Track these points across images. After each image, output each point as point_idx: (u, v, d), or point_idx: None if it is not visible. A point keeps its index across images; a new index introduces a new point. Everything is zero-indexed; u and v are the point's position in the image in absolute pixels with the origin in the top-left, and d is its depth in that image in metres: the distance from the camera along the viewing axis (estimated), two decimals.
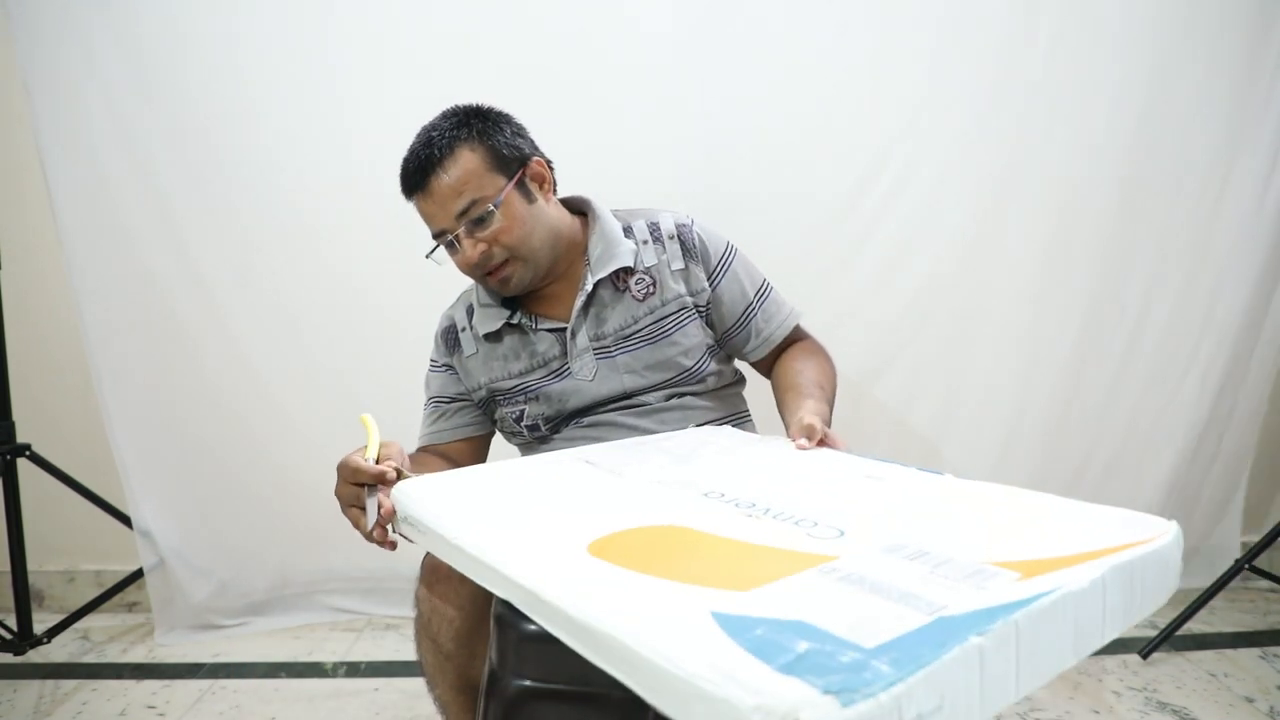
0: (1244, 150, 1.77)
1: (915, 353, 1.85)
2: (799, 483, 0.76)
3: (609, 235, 1.14)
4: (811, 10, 1.76)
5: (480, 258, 1.06)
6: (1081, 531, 0.60)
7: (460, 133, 1.05)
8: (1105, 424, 1.87)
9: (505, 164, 1.06)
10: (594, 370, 1.11)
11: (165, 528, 1.86)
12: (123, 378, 1.81)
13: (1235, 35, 1.73)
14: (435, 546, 0.69)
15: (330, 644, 1.84)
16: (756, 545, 0.59)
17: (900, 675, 0.39)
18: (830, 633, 0.43)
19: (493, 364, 1.15)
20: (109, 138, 1.75)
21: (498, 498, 0.75)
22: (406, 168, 1.07)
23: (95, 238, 1.77)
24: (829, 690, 0.37)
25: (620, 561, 0.55)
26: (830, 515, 0.64)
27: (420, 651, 0.99)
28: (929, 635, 0.43)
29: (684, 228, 1.15)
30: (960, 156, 1.79)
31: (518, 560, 0.57)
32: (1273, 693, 1.52)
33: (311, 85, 1.77)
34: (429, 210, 1.07)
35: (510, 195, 1.06)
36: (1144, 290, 1.83)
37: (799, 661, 0.40)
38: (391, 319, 1.81)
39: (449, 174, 1.03)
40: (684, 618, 0.46)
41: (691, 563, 0.56)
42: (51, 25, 1.70)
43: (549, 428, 1.15)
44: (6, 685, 1.67)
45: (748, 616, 0.46)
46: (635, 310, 1.12)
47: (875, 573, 0.52)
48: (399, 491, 0.77)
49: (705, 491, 0.72)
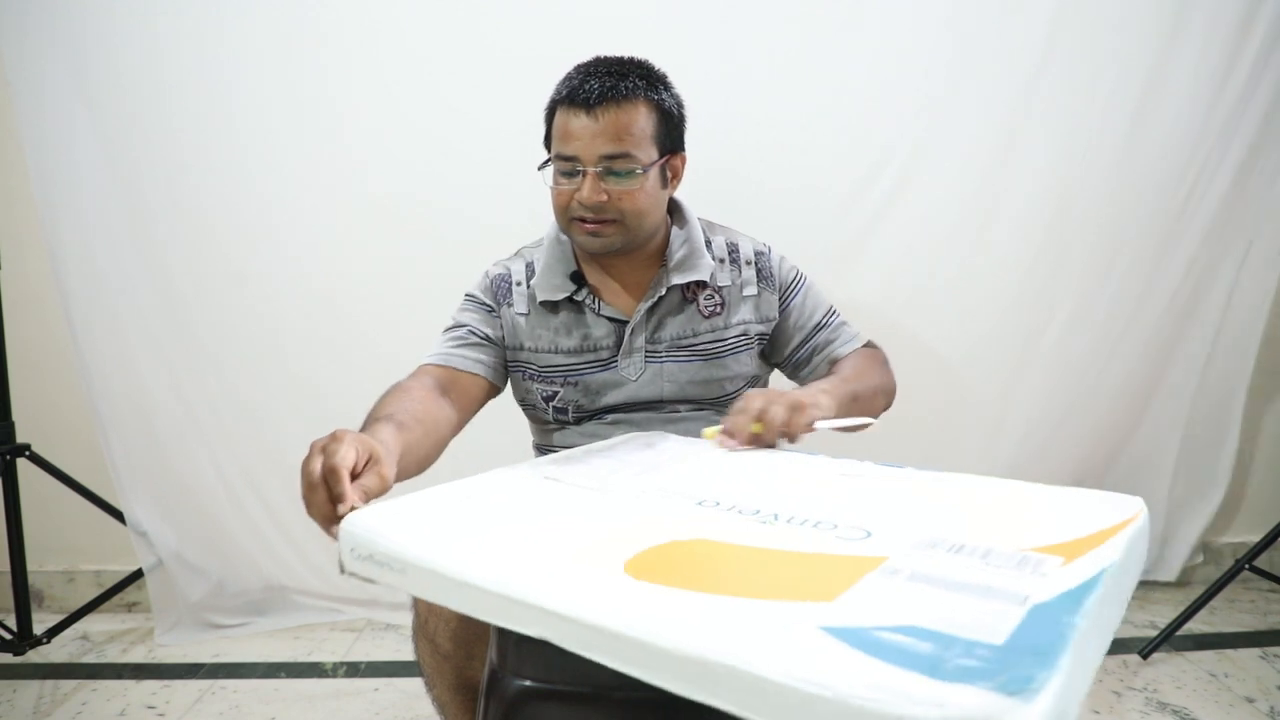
0: (1238, 147, 1.78)
1: (914, 352, 1.85)
2: (787, 485, 0.74)
3: (694, 242, 1.13)
4: (813, 9, 1.76)
5: (595, 204, 1.02)
6: (1082, 513, 0.63)
7: (649, 89, 1.03)
8: (1099, 421, 1.88)
9: (665, 140, 1.06)
10: (641, 370, 1.10)
11: (161, 528, 1.86)
12: (111, 379, 1.81)
13: (1228, 33, 1.73)
14: (419, 584, 0.57)
15: (330, 644, 1.84)
16: (801, 553, 0.56)
17: (1051, 667, 0.39)
18: (954, 635, 0.42)
19: (542, 333, 1.11)
20: (89, 141, 1.74)
21: (480, 522, 0.64)
22: (585, 83, 1.00)
23: (76, 241, 1.76)
24: (1006, 691, 0.36)
25: (669, 582, 0.51)
26: (843, 516, 0.63)
27: (418, 652, 0.99)
28: (1039, 625, 0.43)
29: (761, 255, 1.16)
30: (959, 156, 1.79)
31: (553, 590, 0.51)
32: (1273, 693, 1.52)
33: (292, 88, 1.76)
34: (578, 130, 1.00)
35: (654, 169, 1.05)
36: (1139, 288, 1.83)
37: (955, 668, 0.39)
38: (390, 319, 1.81)
39: (621, 116, 1.00)
40: (794, 636, 0.43)
41: (745, 577, 0.52)
42: (34, 25, 1.69)
43: (577, 416, 1.13)
44: (6, 685, 1.67)
45: (857, 627, 0.43)
46: (698, 325, 1.11)
47: (936, 570, 0.52)
48: (353, 524, 0.63)
49: (699, 500, 0.68)
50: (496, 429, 1.23)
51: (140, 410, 1.84)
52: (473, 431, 1.09)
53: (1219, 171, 1.78)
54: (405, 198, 1.79)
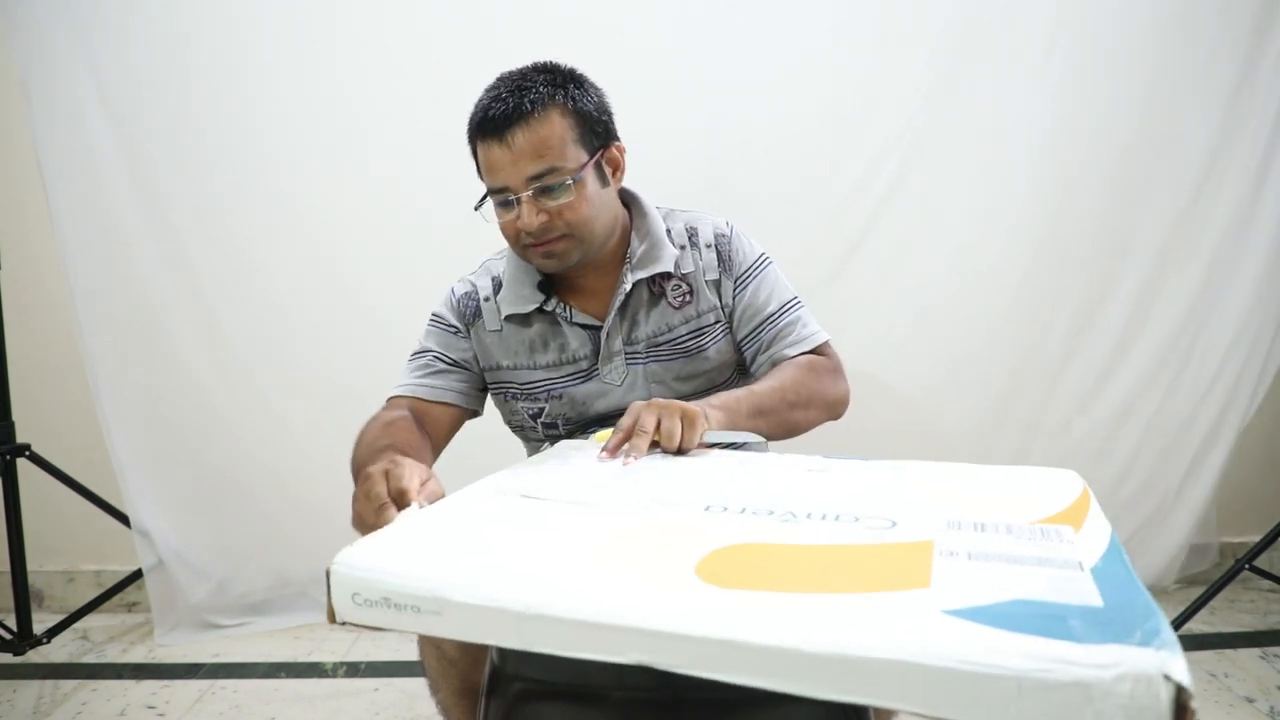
0: (1240, 148, 1.77)
1: (913, 350, 1.85)
2: (776, 484, 0.74)
3: (653, 234, 1.08)
4: (811, 10, 1.76)
5: (539, 227, 0.98)
6: (1046, 487, 0.69)
7: (556, 94, 0.98)
8: (1097, 420, 1.88)
9: (591, 139, 1.00)
10: (624, 375, 1.07)
11: (163, 528, 1.86)
12: (119, 378, 1.81)
13: (1233, 33, 1.73)
14: (460, 625, 0.50)
15: (330, 644, 1.84)
16: (856, 545, 0.55)
17: (1158, 617, 0.41)
18: (1061, 603, 0.43)
19: (516, 349, 1.08)
20: (105, 138, 1.75)
21: (495, 550, 0.57)
22: (487, 111, 0.97)
23: (91, 238, 1.77)
24: (1150, 645, 0.38)
25: (755, 586, 0.48)
26: (857, 508, 0.63)
27: (423, 656, 0.98)
28: (1110, 585, 0.46)
29: (722, 237, 1.11)
30: (958, 157, 1.79)
31: (652, 610, 0.46)
32: (1273, 693, 1.52)
33: (308, 87, 1.77)
34: (498, 162, 0.97)
35: (588, 172, 0.99)
36: (1138, 288, 1.83)
37: (1088, 631, 0.40)
38: (387, 320, 1.81)
39: (534, 133, 0.96)
40: (927, 624, 0.42)
41: (826, 574, 0.50)
42: (48, 25, 1.70)
43: (568, 430, 1.10)
44: (6, 685, 1.67)
45: (977, 607, 0.43)
46: (671, 318, 1.08)
47: (984, 547, 0.53)
48: (350, 567, 0.54)
49: (705, 506, 0.65)
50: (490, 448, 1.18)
51: (150, 408, 1.84)
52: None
53: (1228, 173, 1.78)
54: (426, 191, 1.79)
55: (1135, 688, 0.36)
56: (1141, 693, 0.36)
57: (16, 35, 1.69)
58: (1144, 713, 0.36)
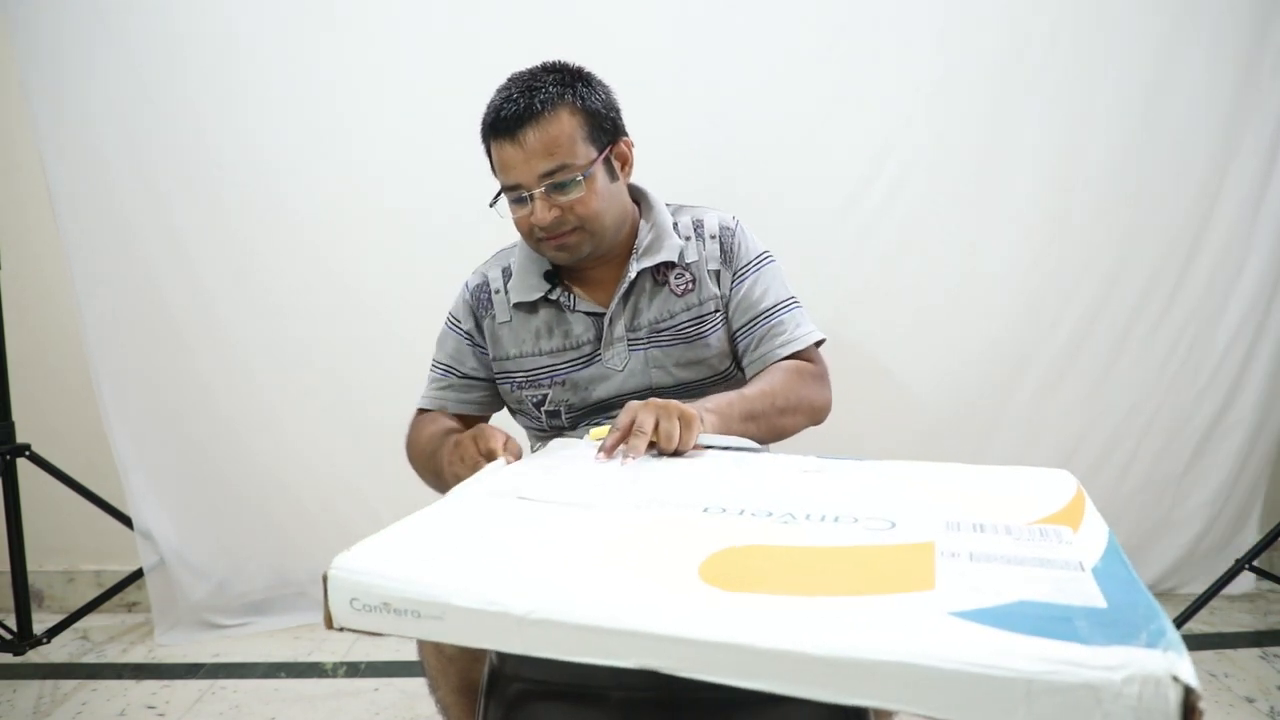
0: (1243, 146, 1.77)
1: (914, 350, 1.85)
2: (773, 485, 0.74)
3: (660, 226, 1.12)
4: (811, 10, 1.76)
5: (552, 221, 1.02)
6: (1042, 487, 0.68)
7: (565, 93, 1.02)
8: (1098, 420, 1.87)
9: (599, 135, 1.04)
10: (625, 360, 1.09)
11: (164, 528, 1.85)
12: (122, 378, 1.81)
13: (1235, 34, 1.73)
14: (461, 630, 0.50)
15: (330, 644, 1.83)
16: (857, 547, 0.55)
17: (1162, 618, 0.41)
18: (1065, 604, 0.44)
19: (524, 336, 1.12)
20: (108, 138, 1.75)
21: (495, 553, 0.57)
22: (500, 111, 1.02)
23: (95, 239, 1.77)
24: (1156, 646, 0.38)
25: (759, 589, 0.48)
26: (856, 509, 0.64)
27: (423, 655, 0.99)
28: (1111, 585, 0.46)
29: (726, 230, 1.14)
30: (958, 157, 1.79)
31: (656, 614, 0.46)
32: (1273, 693, 1.52)
33: (309, 86, 1.77)
34: (512, 160, 1.02)
35: (597, 168, 1.04)
36: (1140, 287, 1.83)
37: (1094, 633, 0.40)
38: (387, 320, 1.81)
39: (546, 131, 1.00)
40: (935, 626, 0.42)
41: (830, 576, 0.50)
42: (50, 25, 1.70)
43: (570, 417, 1.12)
44: (6, 685, 1.67)
45: (982, 609, 0.43)
46: (673, 305, 1.11)
47: (985, 548, 0.53)
48: (347, 571, 0.54)
49: (704, 508, 0.65)
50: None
51: (153, 407, 1.84)
52: None
53: (1231, 171, 1.78)
54: (428, 192, 1.79)
55: (1144, 689, 0.36)
56: (1150, 694, 0.36)
57: (18, 36, 1.69)
58: (1153, 714, 0.36)
